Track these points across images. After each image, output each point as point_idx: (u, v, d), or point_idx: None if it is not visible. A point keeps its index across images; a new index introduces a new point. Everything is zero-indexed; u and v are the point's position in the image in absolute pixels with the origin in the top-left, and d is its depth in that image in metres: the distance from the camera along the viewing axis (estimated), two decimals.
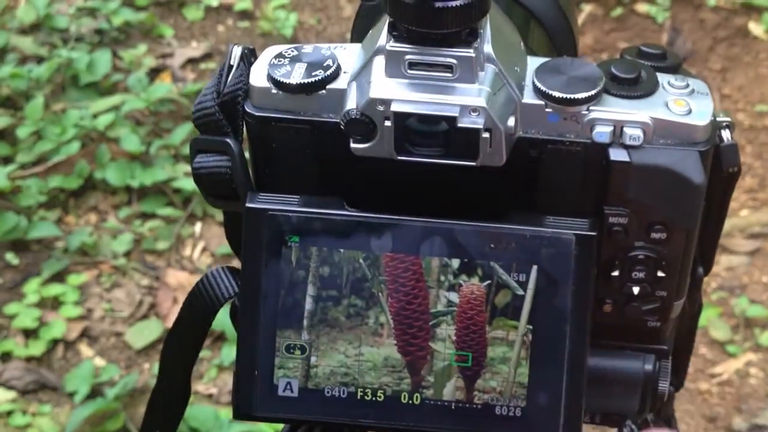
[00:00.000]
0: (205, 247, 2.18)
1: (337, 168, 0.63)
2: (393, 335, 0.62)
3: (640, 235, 0.63)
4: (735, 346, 2.02)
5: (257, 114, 0.62)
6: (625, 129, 0.60)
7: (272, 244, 0.61)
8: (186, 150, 2.26)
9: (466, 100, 0.58)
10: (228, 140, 0.63)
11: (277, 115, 0.62)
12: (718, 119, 0.63)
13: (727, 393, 1.96)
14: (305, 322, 0.62)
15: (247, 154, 0.64)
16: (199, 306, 0.67)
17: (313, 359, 0.62)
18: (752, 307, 2.06)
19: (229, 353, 1.93)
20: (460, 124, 0.58)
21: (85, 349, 2.00)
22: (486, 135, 0.59)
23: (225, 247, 2.10)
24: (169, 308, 2.03)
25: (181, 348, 0.68)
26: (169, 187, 2.23)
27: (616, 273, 0.64)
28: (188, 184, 2.19)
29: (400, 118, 0.59)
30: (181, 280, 2.09)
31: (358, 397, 0.62)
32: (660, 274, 0.64)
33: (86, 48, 2.51)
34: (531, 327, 0.61)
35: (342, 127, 0.60)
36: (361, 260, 0.62)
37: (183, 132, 2.30)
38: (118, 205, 2.23)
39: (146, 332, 1.99)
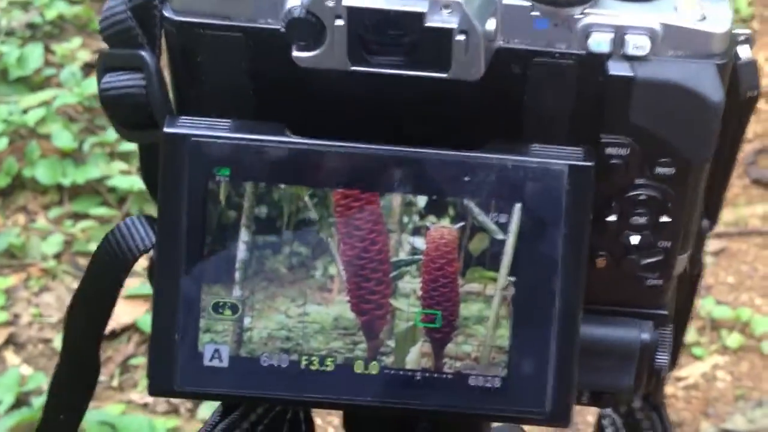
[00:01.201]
0: None
1: (276, 86, 0.52)
2: (345, 290, 0.51)
3: (643, 169, 0.53)
4: (701, 349, 1.94)
5: (178, 19, 0.51)
6: (627, 37, 0.50)
7: (196, 179, 0.50)
8: (122, 147, 2.14)
9: None
10: (142, 53, 0.52)
11: (202, 20, 0.51)
12: (734, 31, 0.53)
13: (693, 397, 1.88)
14: (237, 275, 0.50)
15: (166, 72, 0.53)
16: (109, 262, 0.55)
17: (246, 321, 0.51)
18: (718, 308, 1.98)
19: None
20: (428, 23, 0.48)
21: (10, 357, 1.87)
22: (461, 38, 0.48)
23: None
24: None
25: (88, 313, 0.57)
26: (103, 186, 2.11)
27: (612, 218, 0.54)
28: (124, 183, 2.07)
29: (355, 15, 0.48)
30: None
31: (302, 366, 0.51)
32: (664, 219, 0.54)
33: (17, 42, 2.38)
34: (513, 279, 0.50)
35: (282, 30, 0.48)
36: (306, 198, 0.50)
37: None
38: (48, 204, 2.10)
39: None
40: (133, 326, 1.86)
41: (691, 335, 1.94)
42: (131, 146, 2.29)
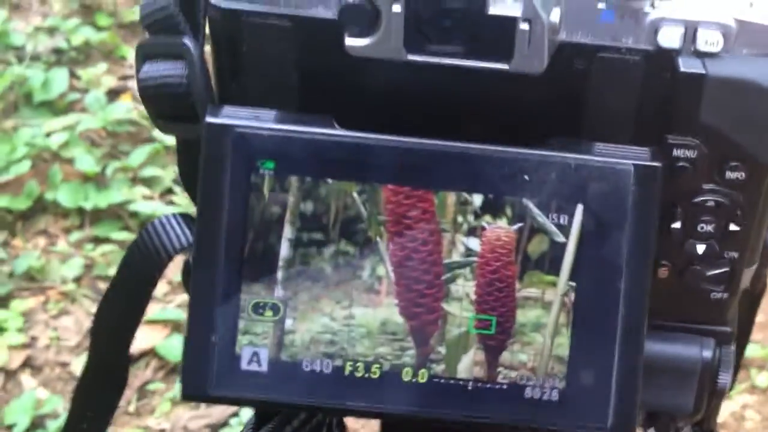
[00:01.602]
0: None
1: (325, 78, 0.49)
2: (394, 293, 0.48)
3: (711, 174, 0.50)
4: None
5: (224, 6, 0.48)
6: (699, 32, 0.47)
7: (239, 172, 0.47)
8: (145, 172, 2.12)
9: None
10: (185, 41, 0.49)
11: (249, 7, 0.48)
12: None
13: None
14: (280, 275, 0.47)
15: (209, 61, 0.50)
16: (142, 261, 0.52)
17: (288, 323, 0.48)
18: (747, 347, 1.93)
19: None
20: (491, 11, 0.45)
21: (27, 380, 1.84)
22: (524, 27, 0.45)
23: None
24: None
25: (119, 315, 0.54)
26: (125, 211, 2.09)
27: (677, 225, 0.51)
28: (146, 208, 2.05)
29: (413, 1, 0.45)
30: None
31: (347, 372, 0.48)
32: (732, 227, 0.51)
33: (42, 67, 2.38)
34: (574, 284, 0.47)
35: (334, 18, 0.46)
36: (354, 194, 0.47)
37: (143, 154, 2.17)
38: (69, 228, 2.09)
39: None
40: (152, 351, 1.83)
41: None
42: (154, 171, 2.28)
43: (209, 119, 0.47)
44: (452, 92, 0.48)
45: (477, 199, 0.47)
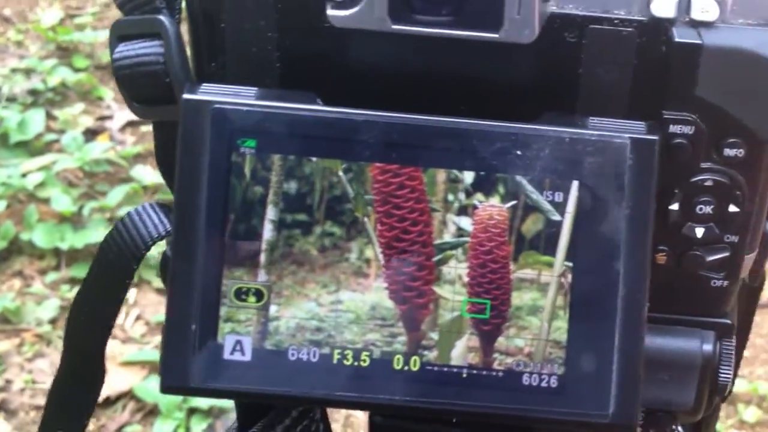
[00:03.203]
0: (140, 315, 2.00)
1: (307, 52, 0.47)
2: (383, 276, 0.45)
3: (709, 151, 0.48)
4: (718, 423, 1.86)
5: None
6: (694, 0, 0.45)
7: (218, 151, 0.45)
8: (122, 213, 2.10)
9: None
10: (161, 18, 0.47)
11: None
12: None
13: None
14: (263, 258, 0.45)
15: (186, 41, 0.48)
16: (118, 252, 0.50)
17: (273, 309, 0.45)
18: (735, 382, 1.91)
19: (161, 428, 1.73)
20: None
21: (0, 424, 1.79)
22: None
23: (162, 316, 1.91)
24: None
25: (95, 308, 0.51)
26: None
27: (674, 206, 0.49)
28: None
29: None
30: (112, 350, 1.89)
31: (335, 361, 0.45)
32: (732, 209, 0.49)
33: (18, 108, 2.36)
34: (571, 264, 0.45)
35: None
36: (340, 173, 0.45)
37: (120, 194, 2.15)
38: (45, 269, 2.05)
39: None
40: (130, 393, 1.79)
41: None
42: (129, 209, 2.25)
43: (187, 96, 0.45)
44: (440, 65, 0.46)
45: (468, 177, 0.45)
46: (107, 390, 1.84)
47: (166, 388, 0.45)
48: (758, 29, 0.46)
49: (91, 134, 2.33)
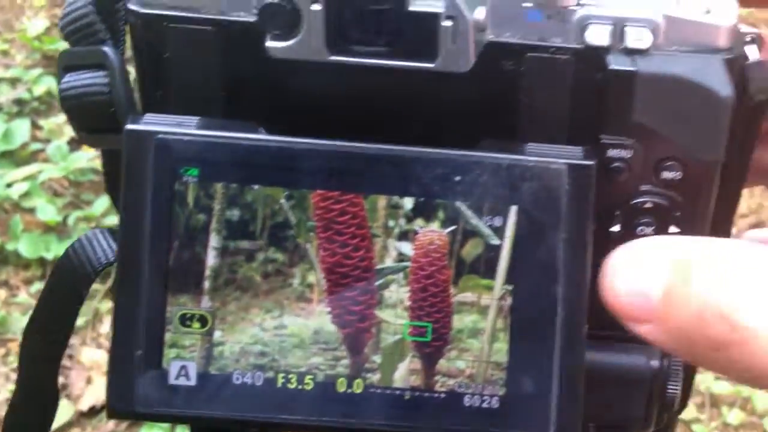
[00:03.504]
0: None
1: (249, 82, 0.48)
2: (326, 301, 0.46)
3: (647, 174, 0.49)
4: (701, 426, 1.88)
5: (144, 12, 0.47)
6: (627, 28, 0.46)
7: (162, 180, 0.46)
8: (107, 222, 2.10)
9: None
10: (105, 49, 0.48)
11: (170, 12, 0.47)
12: (742, 30, 0.49)
13: None
14: (207, 285, 0.46)
15: (132, 71, 0.49)
16: (68, 277, 0.50)
17: (217, 334, 0.46)
18: (717, 384, 1.92)
19: None
20: (412, 7, 0.44)
21: None
22: (447, 24, 0.44)
23: None
24: (82, 389, 1.84)
25: (47, 333, 0.52)
26: None
27: (616, 228, 0.49)
28: None
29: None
30: (97, 359, 1.90)
31: (279, 384, 0.46)
32: (673, 229, 0.50)
33: (4, 117, 2.36)
34: (510, 287, 0.46)
35: (255, 21, 0.45)
36: (282, 200, 0.46)
37: (105, 203, 2.15)
38: (31, 279, 2.06)
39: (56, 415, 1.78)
40: None
41: (690, 411, 1.88)
42: (117, 220, 2.26)
43: (129, 126, 0.46)
44: (380, 93, 0.47)
45: (408, 203, 0.46)
46: (92, 399, 1.85)
47: (111, 413, 0.46)
48: (691, 56, 0.47)
49: (76, 144, 2.34)
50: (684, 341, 0.44)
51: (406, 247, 0.46)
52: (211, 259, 0.46)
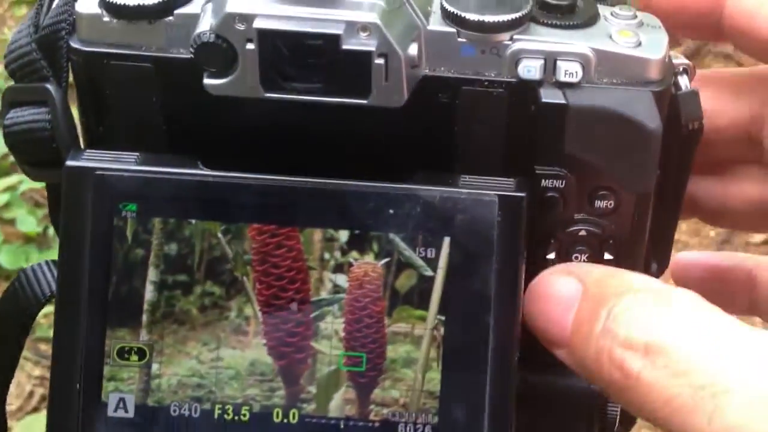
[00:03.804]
0: None
1: (188, 118, 0.49)
2: (262, 333, 0.47)
3: (581, 204, 0.50)
4: None
5: (85, 49, 0.48)
6: (559, 63, 0.47)
7: (100, 215, 0.46)
8: None
9: (354, 15, 0.45)
10: (47, 86, 0.49)
11: (111, 50, 0.48)
12: (674, 61, 0.50)
13: None
14: (144, 318, 0.47)
15: (74, 107, 0.50)
16: (13, 310, 0.51)
17: (155, 367, 0.47)
18: None
19: None
20: (345, 46, 0.45)
21: None
22: (380, 62, 0.45)
23: None
24: None
25: None
26: None
27: (552, 255, 0.50)
28: None
29: (267, 38, 0.45)
30: None
31: (216, 415, 0.47)
32: (607, 256, 0.51)
33: None
34: (443, 318, 0.47)
35: (192, 56, 0.45)
36: (219, 234, 0.47)
37: None
38: None
39: (36, 427, 1.80)
40: None
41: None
42: None
43: (69, 162, 0.47)
44: (316, 128, 0.48)
45: (343, 235, 0.47)
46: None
47: None
48: (620, 88, 0.48)
49: None
50: (590, 374, 0.45)
51: (342, 279, 0.47)
52: (149, 293, 0.47)
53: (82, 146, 0.50)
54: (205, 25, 0.46)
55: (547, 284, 0.47)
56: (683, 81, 0.51)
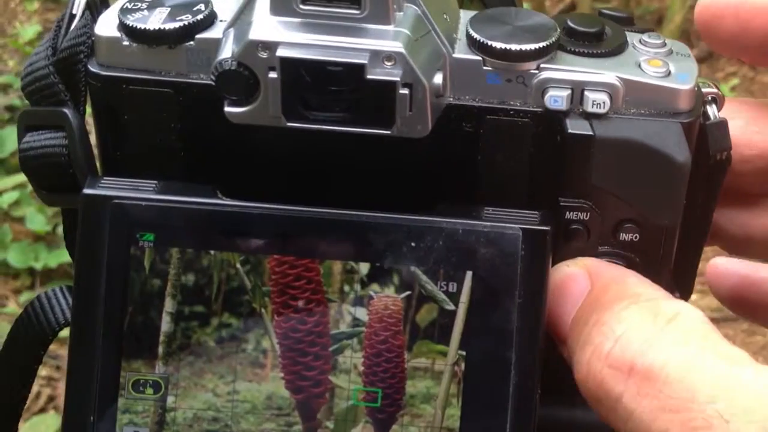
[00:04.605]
0: None
1: (208, 145, 0.48)
2: (280, 366, 0.46)
3: (606, 236, 0.49)
4: None
5: (104, 74, 0.47)
6: (586, 93, 0.46)
7: (118, 244, 0.46)
8: None
9: (379, 44, 0.44)
10: (65, 110, 0.48)
11: (130, 75, 0.47)
12: (703, 90, 0.49)
13: None
14: (161, 350, 0.46)
15: (92, 131, 0.49)
16: (27, 336, 0.50)
17: (170, 400, 0.46)
18: None
19: None
20: (369, 76, 0.44)
21: None
22: (404, 92, 0.44)
23: None
24: None
25: (6, 391, 0.52)
26: None
27: None
28: None
29: (290, 67, 0.44)
30: None
31: None
32: None
33: None
34: (464, 353, 0.46)
35: (213, 82, 0.45)
36: (238, 265, 0.46)
37: None
38: (20, 288, 2.05)
39: (43, 427, 1.79)
40: None
41: None
42: None
43: (87, 191, 0.46)
44: (337, 158, 0.47)
45: (364, 268, 0.46)
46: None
47: None
48: (648, 120, 0.47)
49: None
50: (577, 381, 0.44)
51: (361, 312, 0.46)
52: (165, 325, 0.46)
53: (99, 170, 0.49)
54: (227, 51, 0.45)
55: (561, 277, 0.46)
56: (712, 110, 0.50)
